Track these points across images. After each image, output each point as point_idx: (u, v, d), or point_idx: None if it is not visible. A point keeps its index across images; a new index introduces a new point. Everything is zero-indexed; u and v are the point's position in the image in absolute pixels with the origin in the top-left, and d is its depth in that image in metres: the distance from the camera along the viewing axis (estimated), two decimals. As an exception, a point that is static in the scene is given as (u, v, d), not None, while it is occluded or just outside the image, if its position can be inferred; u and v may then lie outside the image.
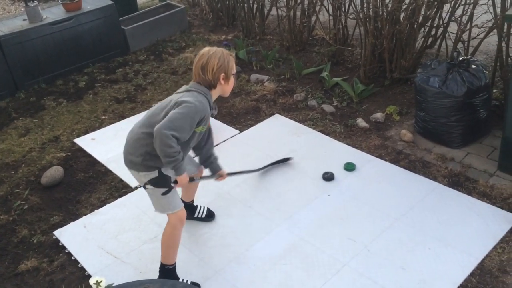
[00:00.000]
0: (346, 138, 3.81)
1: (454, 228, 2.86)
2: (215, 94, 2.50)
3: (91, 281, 1.44)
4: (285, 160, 3.57)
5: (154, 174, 2.44)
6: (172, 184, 2.48)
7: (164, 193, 2.46)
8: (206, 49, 2.48)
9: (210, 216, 3.09)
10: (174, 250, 2.59)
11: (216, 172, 2.81)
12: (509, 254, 2.67)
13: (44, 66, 5.03)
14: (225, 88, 2.50)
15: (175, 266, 2.62)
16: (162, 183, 2.46)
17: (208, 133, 2.72)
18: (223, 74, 2.42)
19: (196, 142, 2.59)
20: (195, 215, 3.07)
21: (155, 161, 2.40)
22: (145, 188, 2.52)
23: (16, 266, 2.88)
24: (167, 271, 2.60)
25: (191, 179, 2.62)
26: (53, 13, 5.15)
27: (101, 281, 1.43)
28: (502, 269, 2.59)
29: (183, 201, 2.79)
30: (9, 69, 4.81)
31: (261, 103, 4.41)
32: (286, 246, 2.84)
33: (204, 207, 3.11)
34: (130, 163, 2.48)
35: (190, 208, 3.01)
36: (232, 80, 2.51)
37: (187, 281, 2.60)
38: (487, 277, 2.56)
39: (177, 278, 2.62)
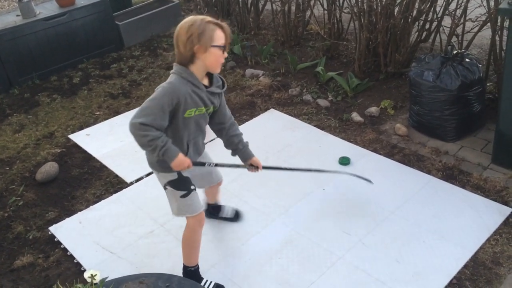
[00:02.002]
0: (341, 133, 3.82)
1: (448, 221, 2.89)
2: (196, 69, 2.19)
3: (86, 275, 1.44)
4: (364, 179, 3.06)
5: (174, 176, 2.36)
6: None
7: (183, 196, 2.38)
8: (185, 18, 2.19)
9: (237, 216, 3.00)
10: (195, 251, 2.54)
11: (247, 160, 2.54)
12: (502, 246, 2.70)
13: (38, 62, 5.00)
14: (207, 61, 2.16)
15: (198, 267, 2.58)
16: (182, 186, 2.37)
17: (230, 115, 2.50)
18: (197, 45, 2.11)
19: (203, 128, 2.39)
20: (220, 215, 3.00)
21: None
22: (165, 189, 2.44)
23: (12, 262, 2.88)
24: (190, 273, 2.56)
25: (199, 164, 2.39)
26: (46, 9, 5.12)
27: (95, 275, 1.43)
28: (496, 261, 2.61)
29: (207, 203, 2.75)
30: (2, 65, 4.78)
31: (256, 98, 4.42)
32: (281, 240, 2.85)
33: (230, 207, 3.03)
34: (150, 163, 2.40)
35: (214, 209, 2.97)
36: (215, 53, 2.15)
37: (211, 282, 2.55)
38: (481, 269, 2.58)
39: (201, 279, 2.57)
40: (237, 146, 2.52)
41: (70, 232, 3.06)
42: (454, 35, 4.02)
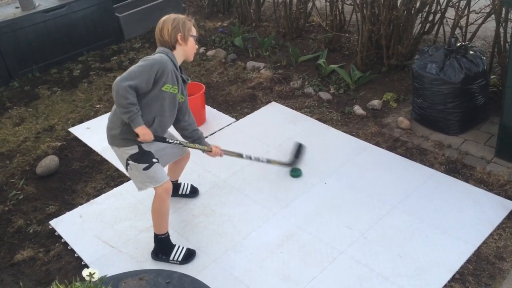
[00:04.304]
0: (343, 126, 3.79)
1: (451, 215, 2.86)
2: (177, 55, 2.59)
3: (84, 273, 1.43)
4: (298, 151, 3.35)
5: (135, 149, 2.53)
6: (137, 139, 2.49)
7: (145, 168, 2.52)
8: (164, 16, 2.61)
9: (194, 192, 3.18)
10: (164, 220, 2.67)
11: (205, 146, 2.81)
12: (505, 240, 2.67)
13: (38, 54, 4.97)
14: (186, 49, 2.60)
15: (168, 235, 2.71)
16: (143, 159, 2.53)
17: (188, 111, 2.77)
18: (180, 34, 2.54)
19: (172, 111, 2.62)
20: (179, 192, 3.15)
21: (133, 133, 2.47)
22: (127, 166, 2.58)
23: (12, 256, 2.87)
24: (161, 240, 2.69)
25: (160, 139, 2.58)
26: (46, 1, 5.08)
27: (94, 273, 1.42)
28: (499, 256, 2.59)
29: None
30: (2, 57, 4.75)
31: (258, 91, 4.38)
32: (283, 235, 2.84)
33: (187, 184, 3.20)
34: (111, 139, 2.57)
35: (174, 186, 3.03)
36: (192, 42, 2.61)
37: (183, 248, 2.69)
38: (484, 264, 2.56)
39: (172, 246, 2.71)
40: (199, 136, 2.81)
41: (70, 226, 3.05)
42: (458, 27, 3.97)
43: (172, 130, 2.80)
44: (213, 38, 5.42)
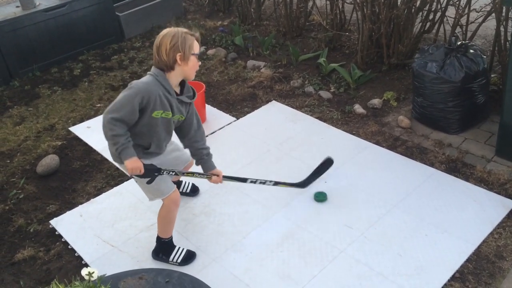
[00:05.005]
0: (343, 125, 3.79)
1: (451, 214, 2.86)
2: (174, 76, 2.37)
3: (83, 273, 1.43)
4: (325, 166, 3.12)
5: None
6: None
7: (148, 182, 2.47)
8: (164, 30, 2.36)
9: (194, 191, 3.18)
10: (170, 226, 2.67)
11: (209, 170, 2.66)
12: (505, 239, 2.67)
13: (38, 53, 4.97)
14: (185, 69, 2.36)
15: (172, 237, 2.70)
16: (145, 174, 2.42)
17: (197, 125, 2.62)
18: (179, 54, 2.30)
19: (169, 131, 2.50)
20: (180, 191, 3.14)
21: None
22: (134, 179, 2.57)
23: (13, 255, 2.88)
24: (164, 243, 2.70)
25: (151, 171, 2.44)
26: (46, 0, 5.07)
27: (93, 272, 1.42)
28: (499, 255, 2.59)
29: None
30: (2, 57, 4.75)
31: (258, 90, 4.38)
32: (283, 234, 2.84)
33: (188, 182, 3.18)
34: (113, 156, 2.50)
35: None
36: (193, 61, 2.36)
37: (183, 249, 2.70)
38: (484, 263, 2.56)
39: (173, 247, 2.71)
40: (202, 157, 2.64)
41: (71, 225, 3.05)
42: (458, 25, 3.97)
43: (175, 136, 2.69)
44: (213, 37, 5.41)
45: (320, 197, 3.05)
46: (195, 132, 2.61)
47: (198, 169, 2.70)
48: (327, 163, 3.13)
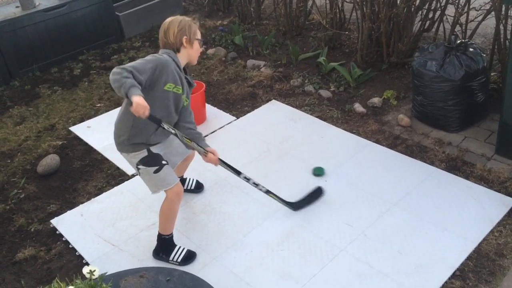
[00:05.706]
0: (343, 124, 3.80)
1: (451, 213, 2.86)
2: (181, 57, 2.56)
3: (84, 271, 1.43)
4: (316, 195, 3.05)
5: (144, 153, 2.54)
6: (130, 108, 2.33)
7: (156, 171, 2.52)
8: (169, 18, 2.59)
9: (199, 187, 3.21)
10: (171, 222, 2.68)
11: (204, 148, 2.66)
12: (506, 237, 2.68)
13: (38, 53, 4.98)
14: (190, 52, 2.57)
15: (172, 235, 2.71)
16: (152, 162, 2.53)
17: (190, 111, 2.74)
18: (185, 37, 2.51)
19: (176, 109, 2.57)
20: (185, 187, 3.14)
21: (141, 136, 2.49)
22: (138, 170, 2.59)
23: (14, 255, 2.88)
24: (164, 240, 2.70)
25: (157, 121, 2.42)
26: (46, 0, 5.08)
27: (94, 270, 1.42)
28: (499, 253, 2.60)
29: None
30: (2, 57, 4.76)
31: (258, 89, 4.38)
32: (283, 232, 2.84)
33: (193, 179, 3.21)
34: (120, 146, 2.58)
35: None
36: (196, 45, 2.58)
37: (183, 249, 2.70)
38: (484, 261, 2.56)
39: (174, 246, 2.71)
40: (194, 135, 2.71)
41: (71, 224, 3.06)
42: (458, 24, 3.97)
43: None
44: (213, 37, 5.42)
45: (318, 171, 3.19)
46: (190, 114, 2.73)
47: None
48: (317, 192, 3.05)
